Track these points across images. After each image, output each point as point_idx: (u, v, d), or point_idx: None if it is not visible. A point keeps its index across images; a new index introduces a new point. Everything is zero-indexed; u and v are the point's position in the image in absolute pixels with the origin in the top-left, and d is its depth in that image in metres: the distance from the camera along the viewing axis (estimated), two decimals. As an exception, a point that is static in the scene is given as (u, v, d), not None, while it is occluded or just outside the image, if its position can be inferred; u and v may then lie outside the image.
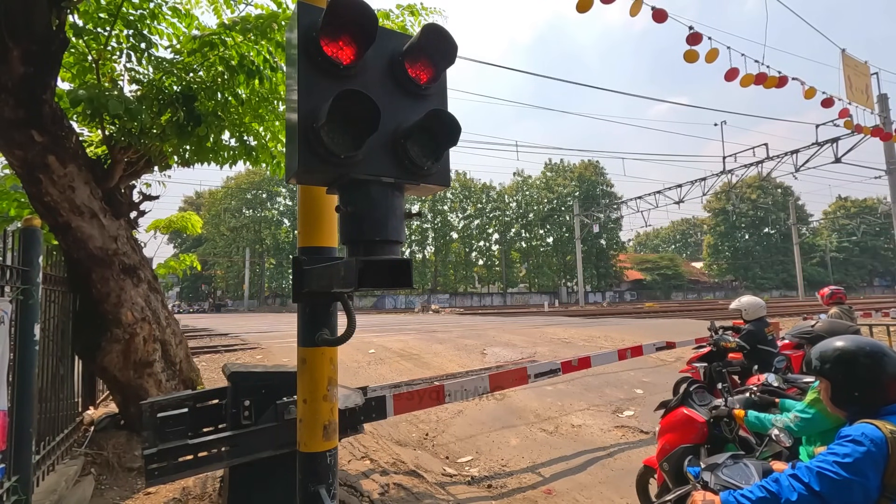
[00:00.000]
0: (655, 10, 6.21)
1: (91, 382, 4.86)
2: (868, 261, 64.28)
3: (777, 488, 1.52)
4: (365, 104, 1.36)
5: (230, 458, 2.48)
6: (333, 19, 1.40)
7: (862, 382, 1.60)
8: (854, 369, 1.62)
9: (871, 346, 1.65)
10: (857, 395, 1.60)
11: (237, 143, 4.83)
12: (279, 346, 12.47)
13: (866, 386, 1.59)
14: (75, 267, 3.89)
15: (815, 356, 1.74)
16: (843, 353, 1.65)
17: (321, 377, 1.98)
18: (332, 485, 1.97)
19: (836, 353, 1.67)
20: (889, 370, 1.56)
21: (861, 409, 1.58)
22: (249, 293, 49.65)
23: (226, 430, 2.63)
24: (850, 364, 1.63)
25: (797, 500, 1.46)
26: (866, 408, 1.57)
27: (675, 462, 2.98)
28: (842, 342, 1.70)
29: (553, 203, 54.33)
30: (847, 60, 11.47)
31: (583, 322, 19.18)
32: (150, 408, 2.42)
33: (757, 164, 22.81)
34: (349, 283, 1.41)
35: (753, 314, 4.63)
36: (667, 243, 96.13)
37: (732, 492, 1.64)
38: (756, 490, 1.57)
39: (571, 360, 3.82)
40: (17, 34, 3.01)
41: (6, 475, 2.50)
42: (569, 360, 3.76)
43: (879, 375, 1.57)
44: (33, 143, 3.31)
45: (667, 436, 3.17)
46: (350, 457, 4.57)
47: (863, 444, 1.43)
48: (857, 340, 1.70)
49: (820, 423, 2.35)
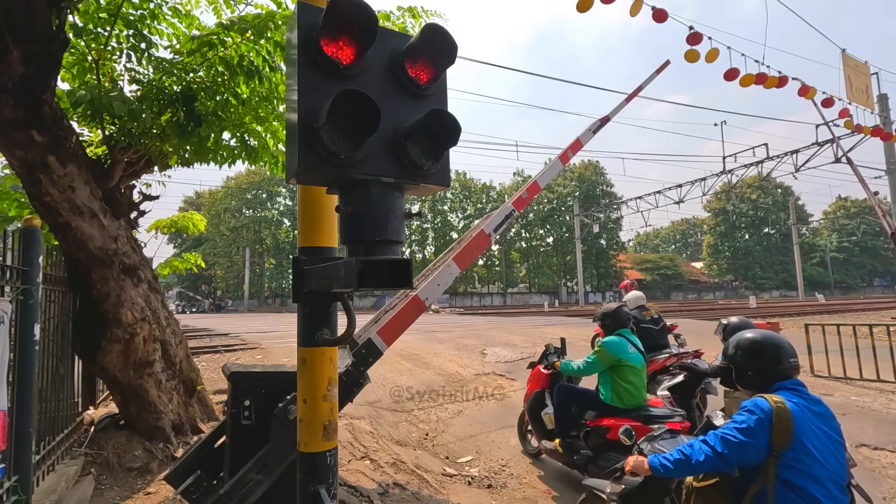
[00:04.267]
0: (655, 10, 6.22)
1: (91, 382, 4.86)
2: (868, 261, 64.25)
3: (690, 451, 1.93)
4: (365, 104, 1.36)
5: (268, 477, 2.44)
6: (333, 19, 1.40)
7: (757, 366, 1.99)
8: (753, 356, 2.01)
9: (767, 338, 2.04)
10: (751, 374, 2.00)
11: (237, 143, 4.83)
12: (279, 346, 12.48)
13: (760, 369, 1.98)
14: (75, 267, 3.89)
15: (732, 345, 2.10)
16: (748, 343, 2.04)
17: (321, 377, 1.98)
18: (332, 485, 1.97)
19: (743, 344, 2.05)
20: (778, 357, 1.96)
21: (758, 386, 1.97)
22: (249, 293, 49.64)
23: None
24: (751, 352, 2.02)
25: (704, 459, 1.86)
26: (762, 385, 1.96)
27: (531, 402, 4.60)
28: (749, 335, 2.09)
29: (553, 203, 54.30)
30: (847, 60, 11.46)
31: (583, 322, 19.19)
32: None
33: (757, 164, 22.82)
34: (349, 283, 1.41)
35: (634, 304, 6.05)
36: (667, 243, 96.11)
37: (657, 455, 2.07)
38: (675, 453, 1.98)
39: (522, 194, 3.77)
40: (17, 34, 3.01)
41: (6, 475, 2.50)
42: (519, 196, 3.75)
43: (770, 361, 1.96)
44: (33, 143, 3.31)
45: (528, 385, 4.77)
46: (350, 457, 4.57)
47: (755, 414, 1.80)
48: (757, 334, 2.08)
49: (597, 367, 3.99)
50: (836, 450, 1.83)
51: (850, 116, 10.50)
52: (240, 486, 2.38)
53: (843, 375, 7.70)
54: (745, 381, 2.04)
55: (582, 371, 4.13)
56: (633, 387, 3.85)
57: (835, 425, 1.90)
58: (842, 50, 11.58)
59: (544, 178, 4.13)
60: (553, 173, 4.27)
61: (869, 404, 6.28)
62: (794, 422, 1.78)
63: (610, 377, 3.94)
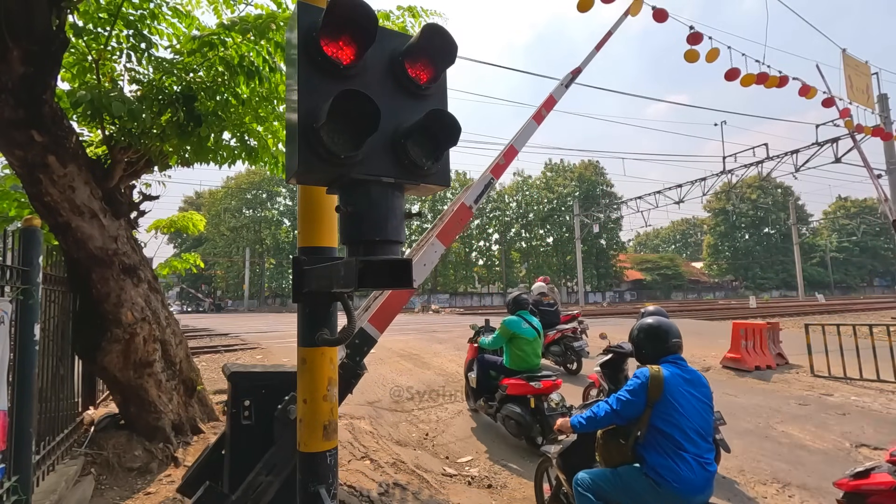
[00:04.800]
0: (656, 10, 6.22)
1: (91, 382, 4.87)
2: (868, 261, 64.24)
3: (597, 410, 2.57)
4: (365, 104, 1.36)
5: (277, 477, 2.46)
6: (333, 19, 1.40)
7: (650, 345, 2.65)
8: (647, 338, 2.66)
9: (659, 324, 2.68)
10: (645, 351, 2.66)
11: (237, 143, 4.83)
12: (279, 346, 12.47)
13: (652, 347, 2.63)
14: (75, 267, 3.89)
15: (635, 329, 2.74)
16: (645, 328, 2.69)
17: (321, 377, 1.98)
18: (332, 485, 1.97)
19: (642, 328, 2.70)
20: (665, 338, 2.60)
21: (650, 360, 2.62)
22: (249, 293, 49.63)
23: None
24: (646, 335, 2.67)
25: (604, 415, 2.52)
26: (652, 359, 2.60)
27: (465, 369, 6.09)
28: (647, 321, 2.73)
29: (553, 203, 54.28)
30: (848, 60, 11.47)
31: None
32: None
33: (757, 164, 22.80)
34: (349, 283, 1.41)
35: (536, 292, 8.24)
36: (667, 243, 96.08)
37: (576, 415, 2.70)
38: (587, 413, 2.62)
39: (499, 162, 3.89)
40: (17, 34, 3.01)
41: (6, 475, 2.50)
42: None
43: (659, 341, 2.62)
44: (33, 143, 3.31)
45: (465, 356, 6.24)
46: (350, 457, 4.57)
47: (639, 379, 2.46)
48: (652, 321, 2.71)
49: (500, 341, 5.17)
50: (701, 409, 2.46)
51: (851, 116, 10.51)
52: (251, 489, 2.40)
53: (843, 375, 7.70)
54: (642, 357, 2.68)
55: (490, 344, 5.35)
56: (525, 354, 5.12)
57: (704, 391, 2.53)
58: (842, 50, 11.58)
59: (520, 141, 4.21)
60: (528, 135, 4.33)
61: (869, 404, 6.28)
62: (664, 384, 2.41)
63: (509, 347, 5.21)
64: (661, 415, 2.38)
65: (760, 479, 4.32)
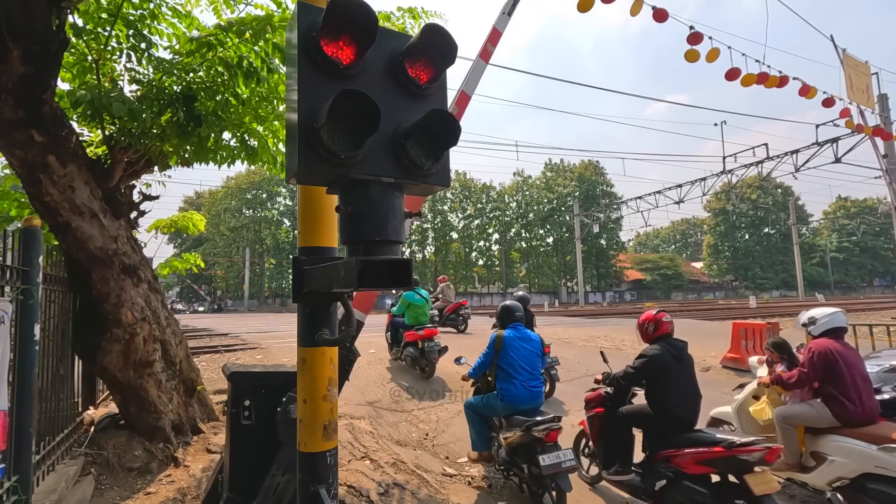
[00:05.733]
0: (656, 10, 6.22)
1: (91, 382, 4.87)
2: (868, 261, 64.20)
3: (476, 364, 4.31)
4: (365, 104, 1.36)
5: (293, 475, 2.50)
6: (333, 19, 1.40)
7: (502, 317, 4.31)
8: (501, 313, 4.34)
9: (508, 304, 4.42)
10: (501, 321, 4.31)
11: (237, 143, 4.83)
12: (279, 346, 12.47)
13: (502, 318, 4.30)
14: (75, 267, 3.89)
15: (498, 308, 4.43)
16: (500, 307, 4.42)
17: (321, 377, 1.98)
18: (332, 485, 1.97)
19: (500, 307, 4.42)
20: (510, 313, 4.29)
21: (501, 326, 4.28)
22: (249, 293, 49.61)
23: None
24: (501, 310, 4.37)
25: (478, 365, 4.28)
26: (501, 326, 4.28)
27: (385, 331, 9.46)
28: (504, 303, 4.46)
29: (553, 203, 54.25)
30: (848, 60, 11.46)
31: (583, 322, 19.20)
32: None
33: (757, 164, 22.79)
34: (349, 283, 1.41)
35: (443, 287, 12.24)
36: (667, 243, 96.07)
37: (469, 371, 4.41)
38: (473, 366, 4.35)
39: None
40: (17, 34, 3.01)
41: (6, 475, 2.51)
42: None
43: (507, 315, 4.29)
44: (33, 143, 3.31)
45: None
46: (350, 457, 4.57)
47: (491, 339, 4.19)
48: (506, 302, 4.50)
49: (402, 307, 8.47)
50: (529, 355, 4.08)
51: (851, 116, 10.51)
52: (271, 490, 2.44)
53: (843, 375, 7.68)
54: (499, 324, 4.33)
55: (398, 311, 8.65)
56: (417, 314, 8.26)
57: (535, 345, 4.16)
58: (842, 50, 11.58)
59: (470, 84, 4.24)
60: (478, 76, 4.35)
61: (869, 404, 6.27)
62: (504, 340, 4.10)
63: (407, 312, 8.32)
64: (502, 358, 4.07)
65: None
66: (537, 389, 3.98)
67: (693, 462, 3.26)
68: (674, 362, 3.63)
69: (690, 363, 3.76)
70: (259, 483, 2.99)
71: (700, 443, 3.31)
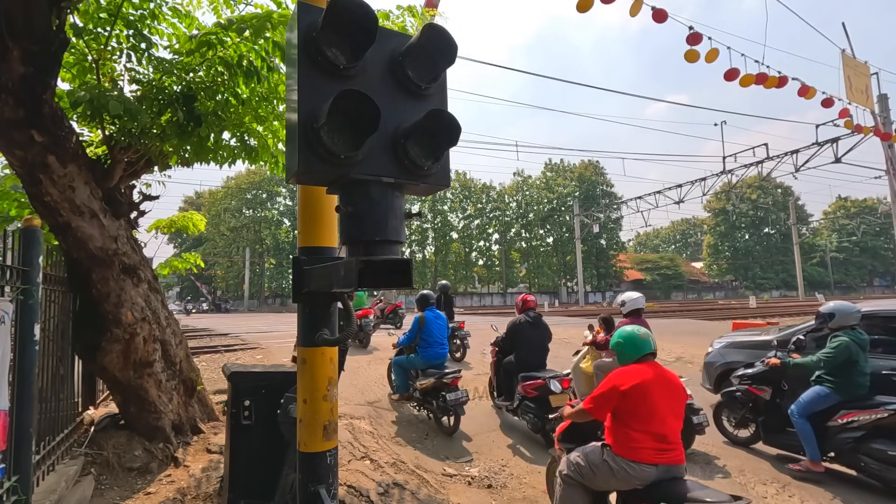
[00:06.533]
0: (655, 10, 6.22)
1: (91, 382, 4.87)
2: (868, 261, 64.15)
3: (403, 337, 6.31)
4: (365, 104, 1.36)
5: None
6: (333, 19, 1.40)
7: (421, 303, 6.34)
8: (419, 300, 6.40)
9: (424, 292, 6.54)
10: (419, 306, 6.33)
11: (237, 143, 4.83)
12: (279, 346, 12.47)
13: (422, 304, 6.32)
14: (75, 267, 3.89)
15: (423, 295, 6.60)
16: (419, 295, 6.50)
17: (321, 377, 1.98)
18: (332, 485, 1.97)
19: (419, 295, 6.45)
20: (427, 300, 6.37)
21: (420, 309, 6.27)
22: (249, 293, 49.58)
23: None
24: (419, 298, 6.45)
25: (406, 337, 6.22)
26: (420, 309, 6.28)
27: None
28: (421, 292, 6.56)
29: (553, 203, 54.21)
30: (847, 60, 11.47)
31: (583, 322, 19.16)
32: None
33: (757, 164, 22.80)
34: (349, 283, 1.41)
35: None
36: (667, 243, 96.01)
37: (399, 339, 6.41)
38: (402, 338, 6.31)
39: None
40: (17, 34, 3.01)
41: (6, 475, 2.50)
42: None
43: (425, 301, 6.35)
44: (33, 143, 3.31)
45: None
46: (350, 457, 4.57)
47: (416, 318, 6.12)
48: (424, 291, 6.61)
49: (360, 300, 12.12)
50: (440, 328, 6.04)
51: (850, 116, 10.51)
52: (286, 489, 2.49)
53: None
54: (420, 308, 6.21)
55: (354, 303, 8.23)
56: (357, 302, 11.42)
57: (443, 322, 6.15)
58: (842, 50, 11.58)
59: None
60: None
61: (869, 404, 6.28)
62: (425, 319, 6.00)
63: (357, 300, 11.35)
64: (423, 332, 5.94)
65: (761, 480, 4.32)
66: (444, 352, 6.04)
67: (530, 388, 5.25)
68: (528, 327, 5.75)
69: (544, 328, 5.86)
70: (259, 483, 3.00)
71: (534, 378, 5.29)
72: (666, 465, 2.56)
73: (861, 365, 4.09)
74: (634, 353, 2.81)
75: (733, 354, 6.08)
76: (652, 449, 2.57)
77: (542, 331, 5.83)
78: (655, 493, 2.51)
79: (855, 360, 4.07)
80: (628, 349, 2.84)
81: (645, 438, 2.58)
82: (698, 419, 4.61)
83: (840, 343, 4.11)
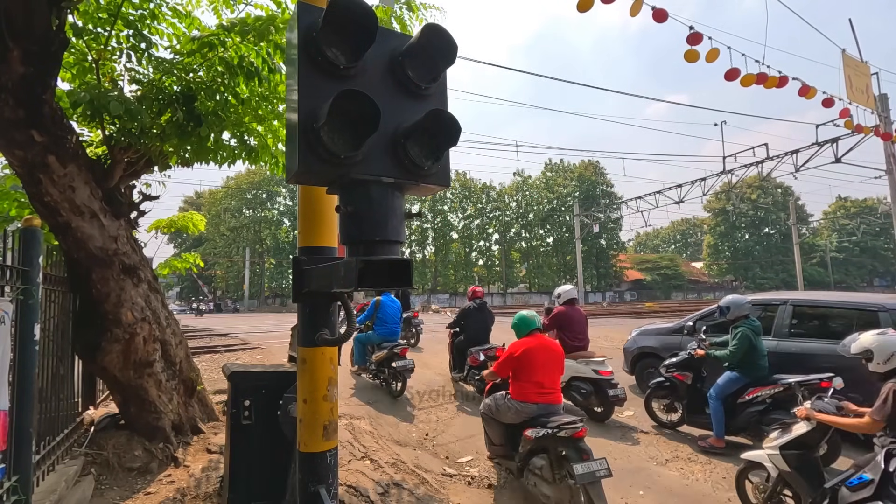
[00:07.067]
0: (656, 10, 6.22)
1: (91, 382, 4.86)
2: (868, 261, 64.11)
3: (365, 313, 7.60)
4: (365, 104, 1.36)
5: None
6: (333, 19, 1.40)
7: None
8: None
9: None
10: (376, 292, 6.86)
11: (237, 143, 4.83)
12: (279, 346, 12.47)
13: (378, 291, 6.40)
14: (75, 267, 3.89)
15: None
16: None
17: (321, 377, 1.98)
18: (332, 485, 1.97)
19: None
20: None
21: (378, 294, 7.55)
22: (249, 293, 49.57)
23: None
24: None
25: (364, 315, 7.52)
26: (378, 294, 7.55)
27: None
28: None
29: (553, 203, 54.18)
30: (847, 60, 11.46)
31: (583, 322, 19.09)
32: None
33: (757, 164, 22.75)
34: (349, 283, 1.41)
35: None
36: (667, 243, 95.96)
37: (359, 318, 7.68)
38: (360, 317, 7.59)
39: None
40: (17, 34, 3.01)
41: (6, 475, 2.50)
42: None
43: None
44: (33, 143, 3.31)
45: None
46: (350, 457, 4.57)
47: (371, 303, 7.60)
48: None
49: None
50: (393, 312, 7.41)
51: (851, 116, 10.51)
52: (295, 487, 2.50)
53: (843, 375, 7.70)
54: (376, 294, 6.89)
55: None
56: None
57: (396, 306, 7.53)
58: (842, 50, 11.58)
59: None
60: None
61: (869, 404, 6.29)
62: (380, 303, 7.39)
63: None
64: (379, 312, 7.30)
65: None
66: (397, 329, 7.36)
67: (473, 360, 6.83)
68: (475, 312, 7.38)
69: (488, 313, 7.53)
70: (259, 483, 3.00)
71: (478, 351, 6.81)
72: (544, 404, 3.75)
73: (760, 348, 4.82)
74: (525, 328, 4.03)
75: (645, 340, 7.23)
76: (534, 393, 3.76)
77: (486, 314, 7.51)
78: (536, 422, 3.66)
79: (755, 346, 4.78)
80: (521, 326, 4.06)
81: (530, 386, 3.78)
82: (614, 392, 5.58)
83: (741, 334, 4.81)
